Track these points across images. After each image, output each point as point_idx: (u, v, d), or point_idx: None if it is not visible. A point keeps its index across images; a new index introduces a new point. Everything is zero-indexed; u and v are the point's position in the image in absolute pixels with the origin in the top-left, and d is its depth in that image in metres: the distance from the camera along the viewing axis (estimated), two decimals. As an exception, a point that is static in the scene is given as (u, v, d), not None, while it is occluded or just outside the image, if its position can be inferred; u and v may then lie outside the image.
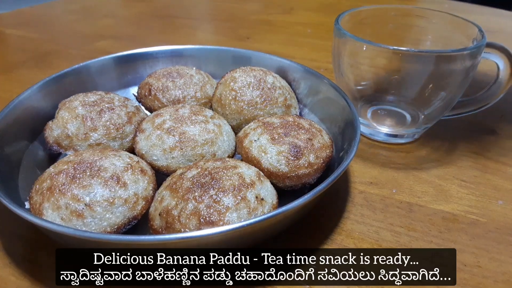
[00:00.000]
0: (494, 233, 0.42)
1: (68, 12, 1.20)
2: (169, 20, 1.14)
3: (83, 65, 0.58)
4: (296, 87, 0.58)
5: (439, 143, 0.57)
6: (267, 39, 0.98)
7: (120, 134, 0.46)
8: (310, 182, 0.43)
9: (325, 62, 0.80)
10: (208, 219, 0.34)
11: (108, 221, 0.36)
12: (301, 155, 0.41)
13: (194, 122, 0.45)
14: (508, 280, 0.37)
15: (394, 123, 0.55)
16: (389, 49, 0.46)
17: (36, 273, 0.38)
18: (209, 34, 1.07)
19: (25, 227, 0.42)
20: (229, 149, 0.46)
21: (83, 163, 0.38)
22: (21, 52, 0.90)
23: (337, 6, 1.22)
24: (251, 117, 0.50)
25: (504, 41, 0.51)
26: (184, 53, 0.64)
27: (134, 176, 0.39)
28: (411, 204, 0.46)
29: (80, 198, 0.36)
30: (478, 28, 0.51)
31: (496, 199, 0.46)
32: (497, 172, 0.51)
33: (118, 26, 1.10)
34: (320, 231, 0.42)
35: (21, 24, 1.07)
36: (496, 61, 0.52)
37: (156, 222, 0.36)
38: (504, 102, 0.63)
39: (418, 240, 0.41)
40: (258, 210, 0.36)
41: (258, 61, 0.61)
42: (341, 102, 0.50)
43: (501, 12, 1.12)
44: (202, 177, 0.37)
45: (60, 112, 0.47)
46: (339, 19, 0.54)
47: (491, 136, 0.58)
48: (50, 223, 0.33)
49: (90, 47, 0.93)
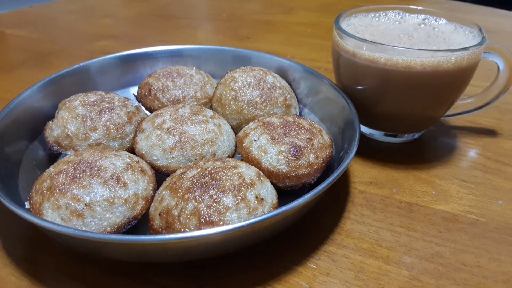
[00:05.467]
0: (494, 233, 0.42)
1: (68, 12, 1.20)
2: (169, 20, 1.14)
3: (83, 65, 0.58)
4: (296, 87, 0.58)
5: (439, 143, 0.57)
6: (267, 39, 0.98)
7: (120, 134, 0.46)
8: (310, 182, 0.43)
9: (325, 62, 0.80)
10: (208, 219, 0.34)
11: (108, 221, 0.36)
12: (301, 155, 0.41)
13: (194, 122, 0.45)
14: (508, 280, 0.37)
15: (394, 123, 0.54)
16: (389, 48, 0.46)
17: (36, 273, 0.38)
18: (209, 34, 1.07)
19: (25, 227, 0.42)
20: (229, 149, 0.46)
21: (83, 163, 0.38)
22: (21, 52, 0.90)
23: (337, 6, 1.22)
24: (251, 117, 0.50)
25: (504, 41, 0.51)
26: (184, 53, 0.64)
27: (134, 176, 0.39)
28: (411, 204, 0.46)
29: (80, 198, 0.36)
30: (478, 28, 0.51)
31: (496, 199, 0.46)
32: (497, 172, 0.51)
33: (118, 26, 1.10)
34: (320, 231, 0.42)
35: (21, 24, 1.07)
36: (496, 61, 0.52)
37: (156, 222, 0.36)
38: (504, 102, 0.63)
39: (418, 240, 0.41)
40: (258, 210, 0.36)
41: (258, 61, 0.61)
42: (341, 102, 0.50)
43: (501, 12, 1.12)
44: (202, 177, 0.37)
45: (60, 112, 0.47)
46: (339, 19, 0.54)
47: (491, 136, 0.58)
48: (50, 223, 0.33)
49: (90, 47, 0.93)
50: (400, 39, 0.52)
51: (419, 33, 0.54)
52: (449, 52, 0.45)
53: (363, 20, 0.58)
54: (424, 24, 0.56)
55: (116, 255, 0.37)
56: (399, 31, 0.54)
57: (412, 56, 0.45)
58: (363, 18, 0.58)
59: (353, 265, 0.38)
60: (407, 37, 0.53)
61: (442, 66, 0.45)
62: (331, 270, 0.38)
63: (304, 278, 0.37)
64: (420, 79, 0.46)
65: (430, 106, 0.51)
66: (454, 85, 0.49)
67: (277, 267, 0.38)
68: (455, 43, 0.51)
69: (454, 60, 0.45)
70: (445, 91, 0.49)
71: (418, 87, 0.47)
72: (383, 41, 0.50)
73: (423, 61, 0.45)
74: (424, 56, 0.45)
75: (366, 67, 0.48)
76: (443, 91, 0.49)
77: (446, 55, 0.45)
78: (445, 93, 0.50)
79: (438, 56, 0.45)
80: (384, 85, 0.49)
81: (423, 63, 0.45)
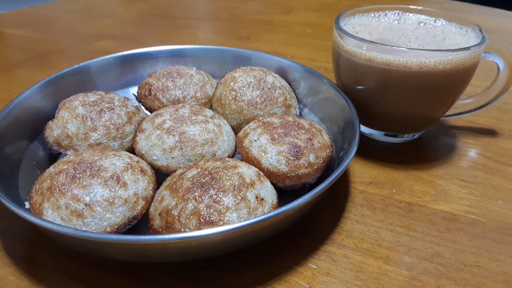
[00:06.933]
0: (494, 233, 0.42)
1: (68, 12, 1.20)
2: (169, 20, 1.14)
3: (83, 65, 0.58)
4: (296, 87, 0.58)
5: (439, 143, 0.57)
6: (267, 39, 0.98)
7: (120, 134, 0.46)
8: (310, 182, 0.43)
9: (325, 62, 0.80)
10: (208, 219, 0.34)
11: (108, 221, 0.36)
12: (301, 155, 0.41)
13: (194, 122, 0.45)
14: (508, 280, 0.37)
15: (394, 123, 0.54)
16: (389, 48, 0.46)
17: (36, 273, 0.38)
18: (209, 34, 1.07)
19: (25, 227, 0.42)
20: (229, 149, 0.46)
21: (83, 163, 0.38)
22: (21, 52, 0.90)
23: (337, 6, 1.22)
24: (251, 117, 0.50)
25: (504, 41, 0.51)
26: (184, 53, 0.64)
27: (134, 176, 0.39)
28: (411, 204, 0.46)
29: (80, 198, 0.36)
30: (478, 28, 0.51)
31: (496, 199, 0.46)
32: (497, 172, 0.51)
33: (118, 26, 1.10)
34: (320, 231, 0.42)
35: (21, 24, 1.07)
36: (496, 61, 0.52)
37: (156, 222, 0.36)
38: (504, 102, 0.63)
39: (418, 240, 0.41)
40: (258, 210, 0.36)
41: (258, 61, 0.61)
42: (341, 102, 0.50)
43: (501, 12, 1.12)
44: (202, 177, 0.37)
45: (60, 112, 0.47)
46: (339, 19, 0.54)
47: (491, 136, 0.58)
48: (50, 223, 0.33)
49: (90, 47, 0.93)
50: (400, 39, 0.52)
51: (419, 33, 0.54)
52: (449, 52, 0.45)
53: (363, 20, 0.58)
54: (424, 24, 0.56)
55: (116, 255, 0.37)
56: (399, 31, 0.54)
57: (412, 56, 0.45)
58: (363, 18, 0.58)
59: (353, 265, 0.38)
60: (407, 37, 0.53)
61: (442, 66, 0.45)
62: (331, 270, 0.38)
63: (304, 278, 0.37)
64: (420, 79, 0.46)
65: (430, 106, 0.51)
66: (454, 85, 0.49)
67: (277, 267, 0.38)
68: (455, 43, 0.51)
69: (454, 60, 0.45)
70: (445, 91, 0.49)
71: (418, 87, 0.47)
72: (383, 41, 0.50)
73: (423, 61, 0.45)
74: (424, 56, 0.45)
75: (366, 67, 0.48)
76: (443, 91, 0.49)
77: (446, 55, 0.45)
78: (445, 93, 0.50)
79: (438, 56, 0.45)
80: (384, 85, 0.49)
81: (423, 63, 0.45)
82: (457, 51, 0.45)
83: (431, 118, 0.54)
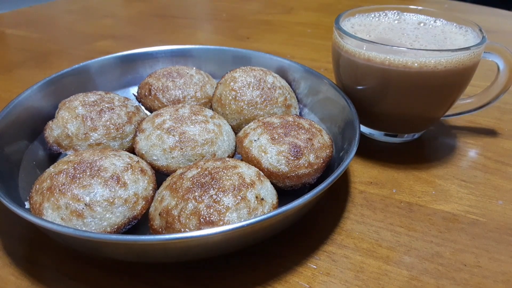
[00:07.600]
0: (494, 233, 0.42)
1: (68, 12, 1.20)
2: (169, 20, 1.14)
3: (83, 65, 0.58)
4: (296, 87, 0.58)
5: (439, 143, 0.57)
6: (267, 39, 0.98)
7: (120, 134, 0.46)
8: (310, 182, 0.43)
9: (325, 62, 0.80)
10: (208, 219, 0.34)
11: (108, 221, 0.36)
12: (301, 155, 0.41)
13: (194, 122, 0.45)
14: (508, 280, 0.37)
15: (394, 123, 0.54)
16: (389, 48, 0.46)
17: (36, 273, 0.38)
18: (209, 34, 1.07)
19: (25, 227, 0.42)
20: (229, 149, 0.46)
21: (83, 163, 0.38)
22: (21, 52, 0.90)
23: (337, 6, 1.22)
24: (251, 117, 0.50)
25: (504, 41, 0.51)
26: (184, 53, 0.64)
27: (134, 176, 0.39)
28: (411, 204, 0.46)
29: (80, 198, 0.36)
30: (478, 28, 0.51)
31: (496, 199, 0.46)
32: (497, 172, 0.51)
33: (118, 26, 1.10)
34: (320, 231, 0.42)
35: (21, 24, 1.07)
36: (496, 61, 0.52)
37: (156, 222, 0.36)
38: (504, 102, 0.63)
39: (418, 240, 0.41)
40: (258, 210, 0.36)
41: (258, 61, 0.61)
42: (341, 102, 0.50)
43: (501, 12, 1.12)
44: (202, 177, 0.37)
45: (60, 112, 0.47)
46: (339, 19, 0.54)
47: (491, 136, 0.58)
48: (50, 223, 0.33)
49: (90, 47, 0.93)
50: (400, 39, 0.52)
51: (419, 33, 0.54)
52: (449, 52, 0.45)
53: (363, 20, 0.58)
54: (424, 24, 0.56)
55: (116, 255, 0.37)
56: (399, 31, 0.55)
57: (412, 56, 0.45)
58: (363, 18, 0.58)
59: (353, 265, 0.38)
60: (407, 37, 0.53)
61: (442, 66, 0.45)
62: (331, 270, 0.38)
63: (304, 278, 0.37)
64: (420, 79, 0.46)
65: (430, 106, 0.51)
66: (454, 85, 0.49)
67: (277, 267, 0.38)
68: (455, 43, 0.51)
69: (454, 60, 0.45)
70: (445, 91, 0.49)
71: (418, 87, 0.47)
72: (383, 41, 0.50)
73: (423, 61, 0.45)
74: (424, 56, 0.45)
75: (366, 67, 0.48)
76: (443, 91, 0.49)
77: (446, 55, 0.45)
78: (445, 93, 0.50)
79: (438, 56, 0.45)
80: (384, 85, 0.49)
81: (423, 63, 0.45)
82: (457, 51, 0.45)
83: (431, 118, 0.54)
